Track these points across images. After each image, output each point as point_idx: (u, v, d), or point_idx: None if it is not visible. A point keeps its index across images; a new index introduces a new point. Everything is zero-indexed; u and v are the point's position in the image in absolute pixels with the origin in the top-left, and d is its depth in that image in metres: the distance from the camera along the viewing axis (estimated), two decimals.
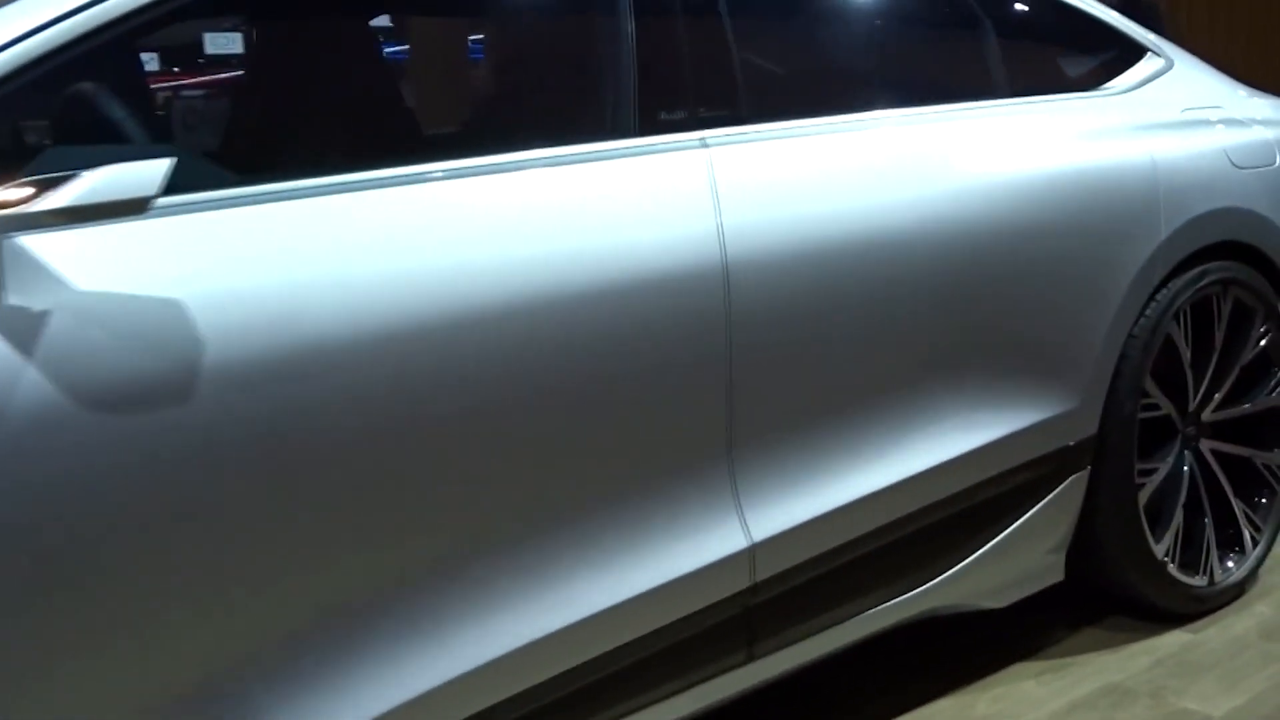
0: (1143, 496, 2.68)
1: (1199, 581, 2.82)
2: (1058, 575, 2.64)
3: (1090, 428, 2.55)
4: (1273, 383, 2.95)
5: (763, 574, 2.02)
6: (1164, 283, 2.66)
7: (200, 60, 2.94)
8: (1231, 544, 2.94)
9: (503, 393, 1.77)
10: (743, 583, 2.01)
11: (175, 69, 3.09)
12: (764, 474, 2.03)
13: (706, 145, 2.04)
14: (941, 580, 2.37)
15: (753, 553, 2.01)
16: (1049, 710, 2.46)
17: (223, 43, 2.60)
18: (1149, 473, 2.71)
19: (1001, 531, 2.45)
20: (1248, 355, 2.89)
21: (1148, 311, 2.64)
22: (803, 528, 2.07)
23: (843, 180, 2.17)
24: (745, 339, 1.97)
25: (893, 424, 2.21)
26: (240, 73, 2.79)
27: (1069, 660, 2.66)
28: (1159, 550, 2.72)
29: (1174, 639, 2.74)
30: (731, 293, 1.96)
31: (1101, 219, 2.51)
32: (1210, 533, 2.85)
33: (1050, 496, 2.50)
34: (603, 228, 1.89)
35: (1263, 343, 2.92)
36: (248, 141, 2.07)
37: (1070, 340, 2.47)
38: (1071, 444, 2.52)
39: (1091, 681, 2.57)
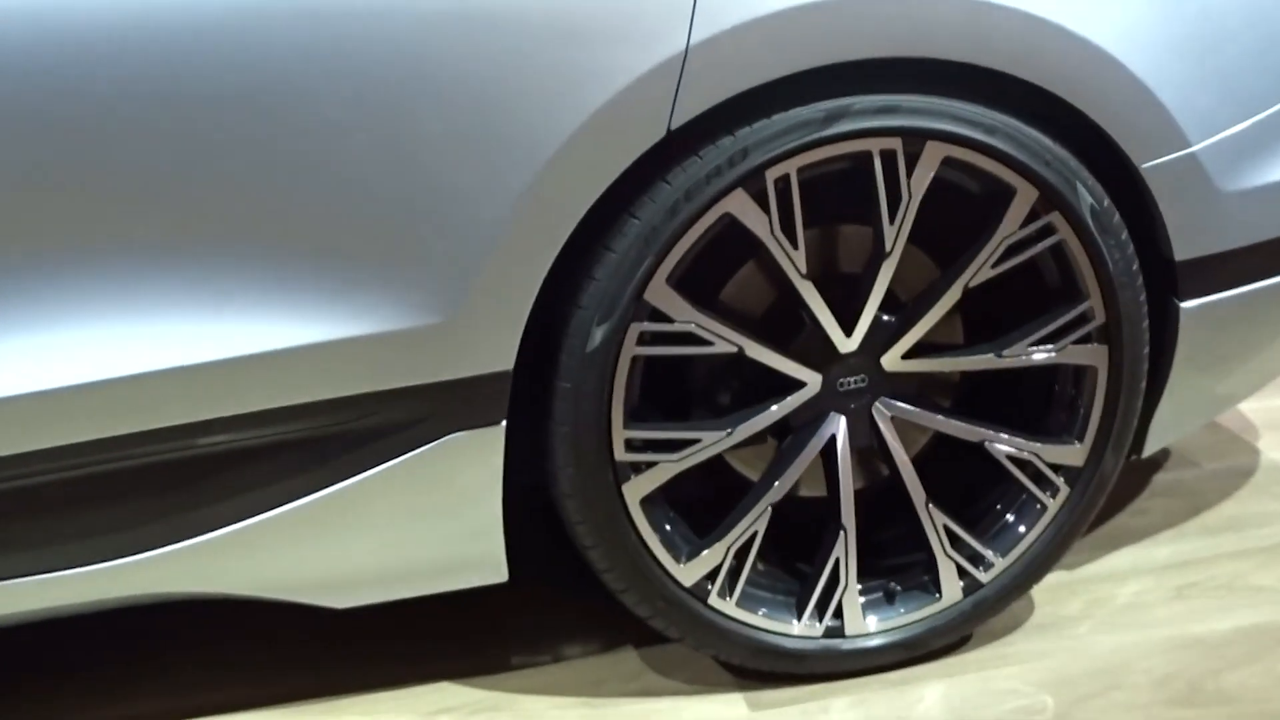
0: (650, 479, 1.59)
1: (800, 631, 1.69)
2: (492, 574, 1.64)
3: (496, 361, 1.49)
4: (1060, 321, 1.65)
5: None
6: (711, 127, 1.47)
7: None
8: (916, 577, 1.75)
9: None
10: None
11: None
12: None
13: None
14: (162, 555, 1.50)
15: None
16: None
17: None
18: (682, 445, 1.60)
19: (287, 500, 1.50)
20: (983, 267, 1.61)
21: (671, 178, 1.47)
22: None
23: None
24: None
25: None
26: None
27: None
28: (688, 571, 1.63)
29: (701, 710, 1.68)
30: None
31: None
32: (844, 553, 1.68)
33: (406, 458, 1.50)
34: None
35: (1033, 249, 1.61)
36: None
37: (421, 209, 1.40)
38: (442, 382, 1.48)
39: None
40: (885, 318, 1.63)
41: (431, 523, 1.57)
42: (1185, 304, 1.68)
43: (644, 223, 1.47)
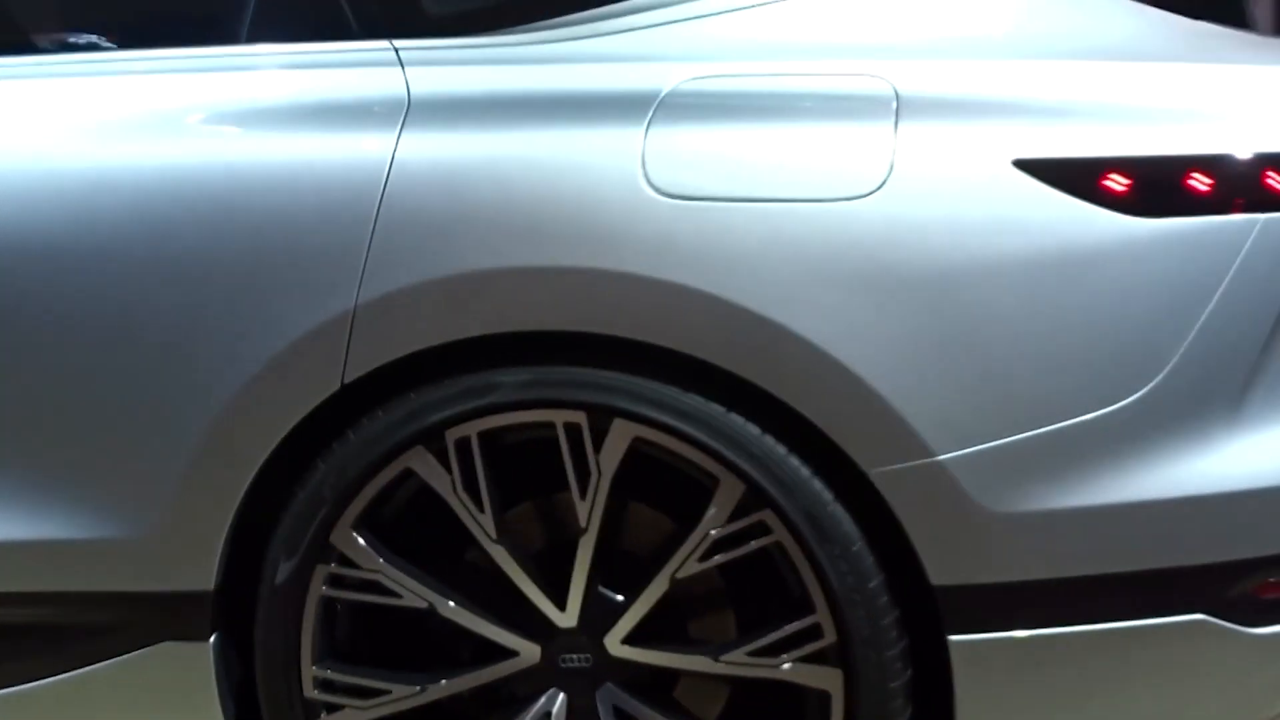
0: None
1: None
2: None
3: (194, 581, 1.54)
4: (782, 633, 1.48)
5: None
6: (390, 383, 1.49)
7: None
8: None
9: None
10: None
11: None
12: None
13: None
14: None
15: None
16: None
17: None
18: (372, 694, 1.57)
19: (27, 679, 1.62)
20: (688, 560, 1.48)
21: (353, 428, 1.50)
22: None
23: None
24: None
25: None
26: None
27: None
28: None
29: None
30: None
31: (183, 254, 1.48)
32: None
33: (125, 659, 1.57)
34: None
35: (745, 548, 1.47)
36: None
37: (116, 433, 1.52)
38: (141, 593, 1.56)
39: None
40: (615, 596, 1.55)
41: None
42: (952, 638, 1.45)
43: (327, 468, 1.52)
